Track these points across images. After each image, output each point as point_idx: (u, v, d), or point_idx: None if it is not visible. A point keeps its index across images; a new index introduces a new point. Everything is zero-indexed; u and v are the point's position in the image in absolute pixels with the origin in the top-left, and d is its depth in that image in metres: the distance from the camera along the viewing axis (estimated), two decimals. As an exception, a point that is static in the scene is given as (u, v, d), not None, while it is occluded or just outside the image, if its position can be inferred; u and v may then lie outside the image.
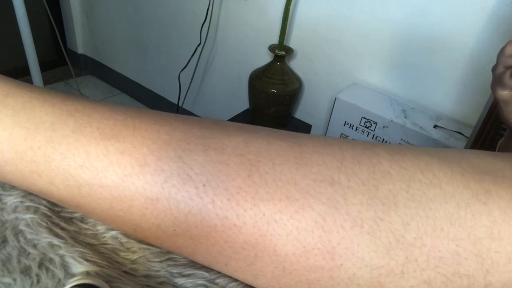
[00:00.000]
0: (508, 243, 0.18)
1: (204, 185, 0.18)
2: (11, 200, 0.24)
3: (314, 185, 0.18)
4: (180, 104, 1.46)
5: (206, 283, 0.22)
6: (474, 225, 0.18)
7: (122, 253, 0.23)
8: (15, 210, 0.24)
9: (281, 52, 1.01)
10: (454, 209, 0.18)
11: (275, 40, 1.07)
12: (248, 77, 1.07)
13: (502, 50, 0.35)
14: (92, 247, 0.23)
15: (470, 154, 0.21)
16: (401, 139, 0.88)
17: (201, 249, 0.20)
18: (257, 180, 0.18)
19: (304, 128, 1.17)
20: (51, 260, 0.21)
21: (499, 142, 0.48)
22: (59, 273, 0.21)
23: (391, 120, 0.87)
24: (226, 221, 0.18)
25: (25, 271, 0.21)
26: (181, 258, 0.23)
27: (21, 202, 0.24)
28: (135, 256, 0.23)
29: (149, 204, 0.19)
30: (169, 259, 0.23)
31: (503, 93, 0.35)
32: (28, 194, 0.25)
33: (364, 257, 0.17)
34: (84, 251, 0.22)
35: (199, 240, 0.19)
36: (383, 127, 0.89)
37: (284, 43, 1.02)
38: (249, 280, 0.20)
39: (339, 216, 0.18)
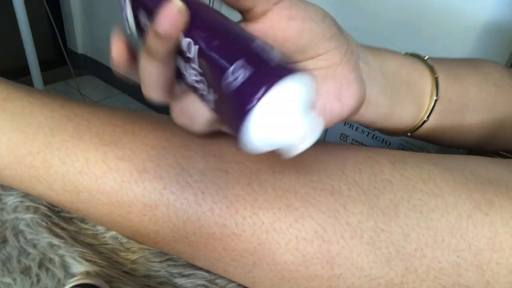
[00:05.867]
0: (509, 254, 0.17)
1: (203, 192, 0.18)
2: (11, 200, 0.24)
3: (314, 193, 0.18)
4: (180, 104, 1.46)
5: (206, 283, 0.22)
6: (475, 236, 0.17)
7: (122, 253, 0.23)
8: (15, 210, 0.24)
9: (281, 52, 1.00)
10: (455, 220, 0.17)
11: (275, 40, 1.07)
12: (248, 77, 1.07)
13: None
14: (92, 247, 0.23)
15: (473, 162, 0.21)
16: (401, 139, 0.88)
17: (200, 255, 0.20)
18: (256, 188, 0.18)
19: (304, 128, 1.17)
20: (51, 260, 0.22)
21: None
22: (59, 273, 0.21)
23: (391, 120, 0.87)
24: (224, 229, 0.18)
25: (25, 271, 0.21)
26: (181, 259, 0.23)
27: (21, 202, 0.24)
28: (135, 256, 0.23)
29: (148, 210, 0.19)
30: (169, 259, 0.23)
31: None
32: (28, 194, 0.25)
33: (363, 267, 0.17)
34: (84, 251, 0.22)
35: (197, 247, 0.19)
36: (383, 127, 0.89)
37: (284, 43, 1.02)
38: (248, 286, 0.20)
39: (339, 225, 0.17)
